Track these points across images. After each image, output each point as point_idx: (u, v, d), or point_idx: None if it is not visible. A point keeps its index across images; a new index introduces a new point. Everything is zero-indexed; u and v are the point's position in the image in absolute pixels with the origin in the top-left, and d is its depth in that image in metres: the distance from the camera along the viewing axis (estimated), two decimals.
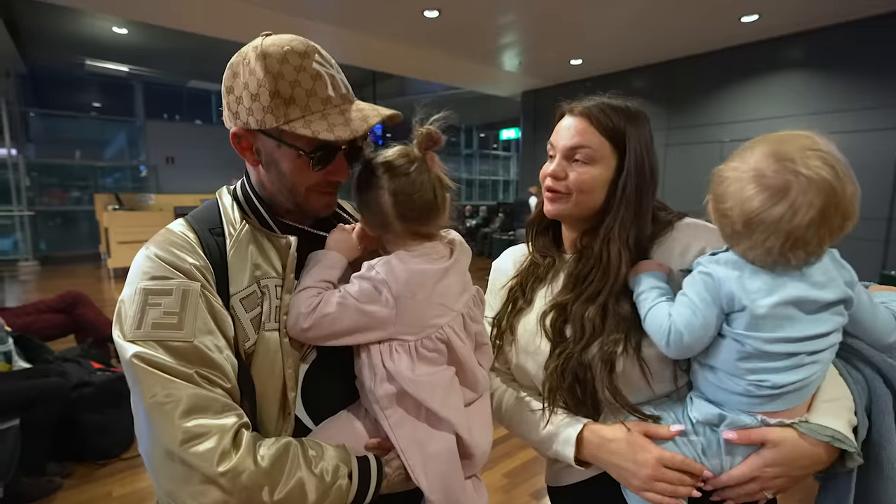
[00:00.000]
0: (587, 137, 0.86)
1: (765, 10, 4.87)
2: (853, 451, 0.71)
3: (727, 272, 0.71)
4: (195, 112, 13.66)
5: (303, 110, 0.71)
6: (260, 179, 0.80)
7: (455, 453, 0.76)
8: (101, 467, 2.51)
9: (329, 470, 0.68)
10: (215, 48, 7.23)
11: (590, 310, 0.84)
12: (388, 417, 0.74)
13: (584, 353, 0.83)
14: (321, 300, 0.74)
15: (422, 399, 0.74)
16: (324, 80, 0.72)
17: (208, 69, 10.96)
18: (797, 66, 5.55)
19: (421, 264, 0.77)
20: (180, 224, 0.77)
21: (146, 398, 0.61)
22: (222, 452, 0.61)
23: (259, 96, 0.70)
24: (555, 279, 0.96)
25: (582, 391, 0.84)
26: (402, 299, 0.74)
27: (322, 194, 0.79)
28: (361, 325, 0.74)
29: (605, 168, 0.87)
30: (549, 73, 7.57)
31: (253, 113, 0.71)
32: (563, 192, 0.89)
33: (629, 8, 4.90)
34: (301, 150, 0.73)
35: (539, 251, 1.01)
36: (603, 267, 0.86)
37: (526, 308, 0.96)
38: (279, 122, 0.70)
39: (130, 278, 0.69)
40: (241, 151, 0.77)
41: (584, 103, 0.89)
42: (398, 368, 0.74)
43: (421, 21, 5.21)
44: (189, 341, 0.65)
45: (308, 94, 0.71)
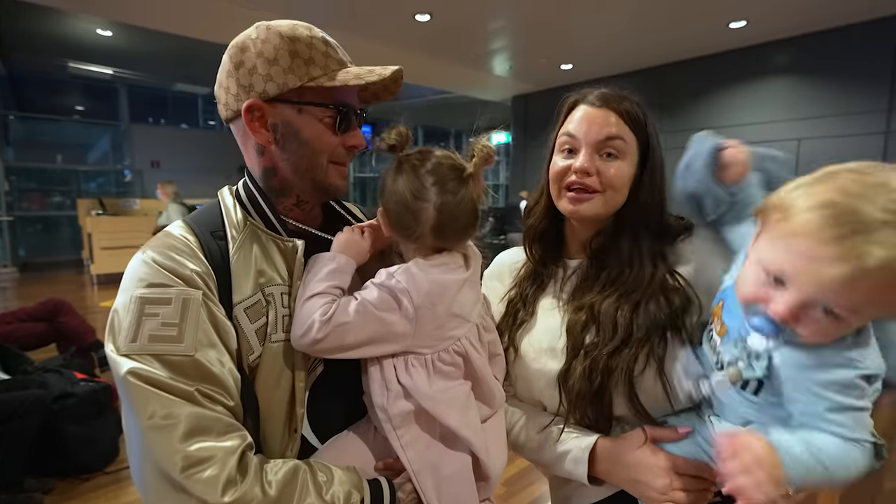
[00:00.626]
0: (620, 129, 0.80)
1: (752, 16, 4.95)
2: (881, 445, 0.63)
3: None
4: (181, 115, 13.50)
5: (323, 69, 0.71)
6: (270, 165, 0.75)
7: (471, 476, 0.72)
8: (84, 482, 2.41)
9: (340, 498, 0.63)
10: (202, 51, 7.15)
11: (623, 308, 0.78)
12: (399, 437, 0.69)
13: (612, 358, 0.76)
14: (337, 308, 0.68)
15: (439, 417, 0.70)
16: (334, 47, 0.73)
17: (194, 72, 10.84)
18: (784, 71, 5.64)
19: (441, 274, 0.73)
20: (179, 226, 0.72)
21: (142, 419, 0.56)
22: (227, 480, 0.56)
23: (278, 60, 0.69)
24: (562, 287, 0.90)
25: (601, 400, 0.78)
26: (422, 310, 0.70)
27: (340, 166, 0.77)
28: (378, 335, 0.69)
29: (631, 163, 0.82)
30: (539, 78, 7.60)
31: (272, 78, 0.69)
32: (595, 189, 0.81)
33: (619, 14, 4.95)
34: (328, 105, 0.72)
35: (539, 259, 0.94)
36: (634, 271, 0.81)
37: (528, 320, 0.90)
38: (303, 80, 0.69)
39: (125, 285, 0.64)
40: (255, 130, 0.71)
41: (600, 92, 0.84)
42: (416, 384, 0.69)
43: (412, 25, 5.20)
44: (189, 355, 0.60)
45: (325, 55, 0.72)
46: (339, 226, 0.88)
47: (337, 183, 0.77)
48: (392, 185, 0.74)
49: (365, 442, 0.74)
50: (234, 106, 0.72)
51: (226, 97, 0.73)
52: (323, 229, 0.83)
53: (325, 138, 0.73)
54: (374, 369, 0.71)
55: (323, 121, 0.72)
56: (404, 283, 0.70)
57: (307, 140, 0.72)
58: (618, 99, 0.82)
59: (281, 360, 0.68)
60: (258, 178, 0.77)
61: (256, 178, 0.77)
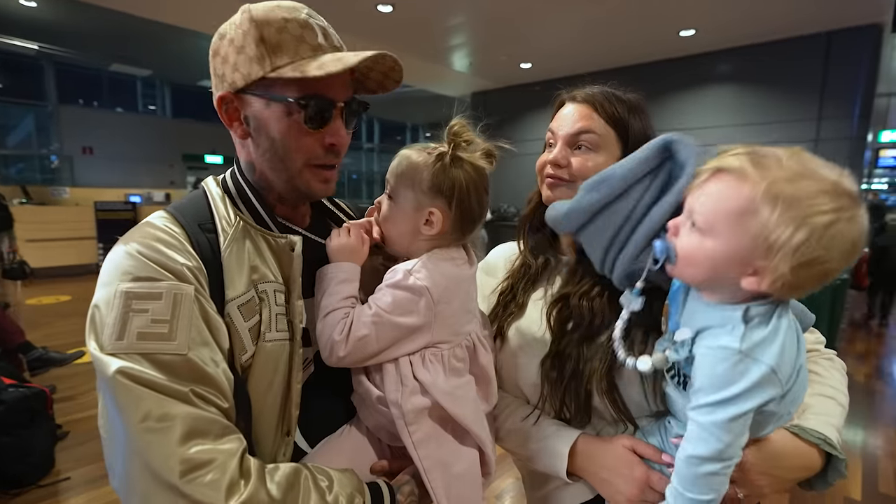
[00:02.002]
0: (591, 123, 0.82)
1: (701, 25, 5.22)
2: (842, 459, 0.70)
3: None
4: (118, 99, 12.57)
5: (292, 56, 0.64)
6: (249, 159, 0.71)
7: (479, 473, 0.73)
8: (14, 497, 2.22)
9: (343, 501, 0.61)
10: (141, 28, 6.65)
11: (594, 295, 0.80)
12: (412, 434, 0.67)
13: (585, 345, 0.78)
14: (353, 323, 0.67)
15: (454, 412, 0.69)
16: (314, 30, 0.67)
17: (133, 52, 10.10)
18: (729, 79, 6.00)
19: (453, 269, 0.72)
20: (161, 217, 0.66)
21: (134, 422, 0.51)
22: (230, 484, 0.52)
23: (245, 48, 0.64)
24: (551, 281, 0.90)
25: (578, 388, 0.78)
26: (441, 305, 0.69)
27: (319, 169, 0.70)
28: (399, 338, 0.68)
29: (609, 157, 0.82)
30: (499, 75, 7.67)
31: (238, 68, 0.65)
32: (565, 178, 0.83)
33: (576, 18, 5.09)
34: (289, 99, 0.65)
35: (532, 251, 0.94)
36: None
37: (517, 312, 0.90)
38: (265, 69, 0.64)
39: (106, 278, 0.58)
40: (229, 123, 0.69)
41: (586, 90, 0.85)
42: (434, 379, 0.68)
43: (374, 16, 5.09)
44: (182, 354, 0.55)
45: (297, 40, 0.65)
46: (328, 223, 0.85)
47: (315, 188, 0.71)
48: (452, 176, 0.71)
49: (358, 443, 0.73)
50: (215, 94, 0.68)
51: (213, 82, 0.69)
52: (312, 227, 0.79)
53: (295, 136, 0.67)
54: (389, 365, 0.69)
55: (291, 115, 0.66)
56: (423, 280, 0.68)
57: (276, 137, 0.67)
58: (602, 97, 0.83)
59: (275, 359, 0.64)
60: (245, 171, 0.73)
61: (244, 170, 0.73)
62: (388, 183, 0.76)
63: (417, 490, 0.70)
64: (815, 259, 0.54)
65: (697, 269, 0.62)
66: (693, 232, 0.62)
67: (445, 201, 0.71)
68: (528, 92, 7.87)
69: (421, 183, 0.71)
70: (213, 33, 0.70)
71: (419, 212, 0.72)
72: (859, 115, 5.12)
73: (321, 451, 0.71)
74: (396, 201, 0.74)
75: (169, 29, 6.14)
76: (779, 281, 0.56)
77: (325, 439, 0.72)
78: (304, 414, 0.68)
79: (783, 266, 0.55)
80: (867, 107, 5.15)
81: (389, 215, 0.76)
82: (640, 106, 0.85)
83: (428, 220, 0.72)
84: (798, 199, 0.54)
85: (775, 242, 0.54)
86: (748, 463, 0.67)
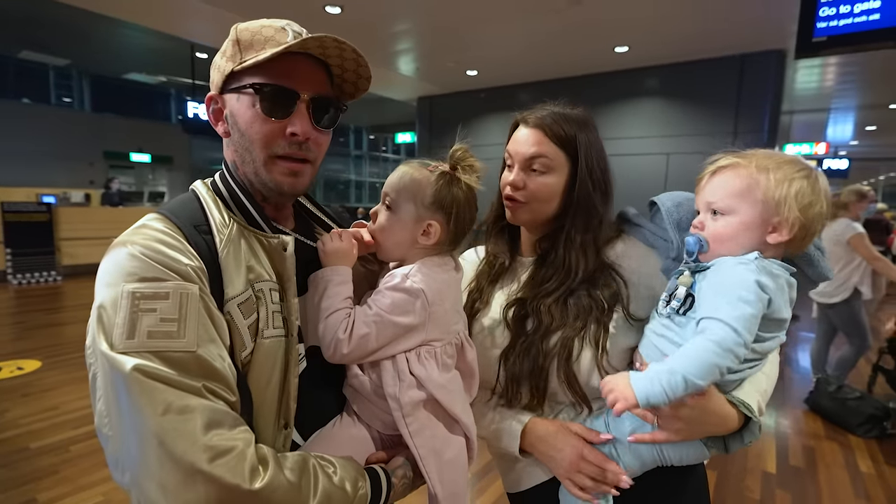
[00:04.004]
0: (543, 147, 0.90)
1: (633, 43, 5.60)
2: (755, 422, 0.78)
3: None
4: (25, 89, 11.39)
5: (258, 50, 0.70)
6: (231, 158, 0.76)
7: (466, 459, 0.81)
8: None
9: (348, 483, 0.66)
10: (55, 13, 6.06)
11: (549, 302, 0.90)
12: (408, 425, 0.74)
13: (544, 342, 0.88)
14: (356, 322, 0.72)
15: (447, 404, 0.77)
16: (286, 32, 0.72)
17: (45, 38, 9.21)
18: (657, 93, 6.47)
19: (443, 274, 0.80)
20: (157, 219, 0.67)
21: (156, 414, 0.53)
22: (252, 468, 0.56)
23: (225, 51, 0.72)
24: (511, 281, 1.00)
25: (537, 379, 0.89)
26: (435, 306, 0.76)
27: (284, 161, 0.72)
28: (396, 336, 0.74)
29: (560, 176, 0.92)
30: (446, 81, 7.77)
31: (218, 67, 0.73)
32: (522, 201, 0.93)
33: (521, 31, 5.30)
34: (247, 85, 0.69)
35: (493, 253, 1.04)
36: (565, 269, 0.92)
37: (483, 309, 0.99)
38: (235, 63, 0.70)
39: (109, 279, 0.59)
40: (215, 123, 0.75)
41: (536, 114, 0.93)
42: (429, 374, 0.75)
43: (322, 16, 5.01)
44: (191, 351, 0.58)
45: (266, 40, 0.70)
46: (311, 225, 0.90)
47: (280, 180, 0.73)
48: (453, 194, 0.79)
49: (350, 433, 0.78)
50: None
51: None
52: (297, 229, 0.83)
53: (256, 125, 0.70)
54: (386, 361, 0.75)
55: (255, 106, 0.70)
56: (419, 283, 0.75)
57: (242, 129, 0.72)
58: (551, 119, 0.91)
59: (273, 355, 0.68)
60: (232, 172, 0.76)
61: (231, 172, 0.76)
62: (387, 195, 0.81)
63: (411, 473, 0.77)
64: (812, 202, 0.74)
65: (731, 243, 0.78)
66: (717, 218, 0.79)
67: (444, 216, 0.79)
68: (474, 98, 8.04)
69: (423, 198, 0.78)
70: (138, 23, 0.75)
71: (418, 223, 0.79)
72: (768, 129, 5.71)
73: (315, 441, 0.75)
74: (396, 212, 0.80)
75: (89, 16, 5.66)
76: (795, 225, 0.74)
77: (318, 431, 0.77)
78: (297, 408, 0.71)
79: (793, 212, 0.74)
80: (774, 122, 5.76)
81: (388, 225, 0.81)
82: (586, 120, 0.94)
83: (426, 232, 0.79)
84: (779, 166, 0.76)
85: (780, 197, 0.74)
86: (683, 408, 0.74)
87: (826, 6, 2.79)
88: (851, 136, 11.93)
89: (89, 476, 2.47)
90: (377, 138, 19.69)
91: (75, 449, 2.73)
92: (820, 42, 2.84)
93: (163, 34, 6.38)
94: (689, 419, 0.76)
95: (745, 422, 0.80)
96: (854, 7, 2.70)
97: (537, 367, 0.88)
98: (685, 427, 0.77)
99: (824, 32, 2.81)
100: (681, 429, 0.77)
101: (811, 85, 7.28)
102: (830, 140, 11.81)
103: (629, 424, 0.83)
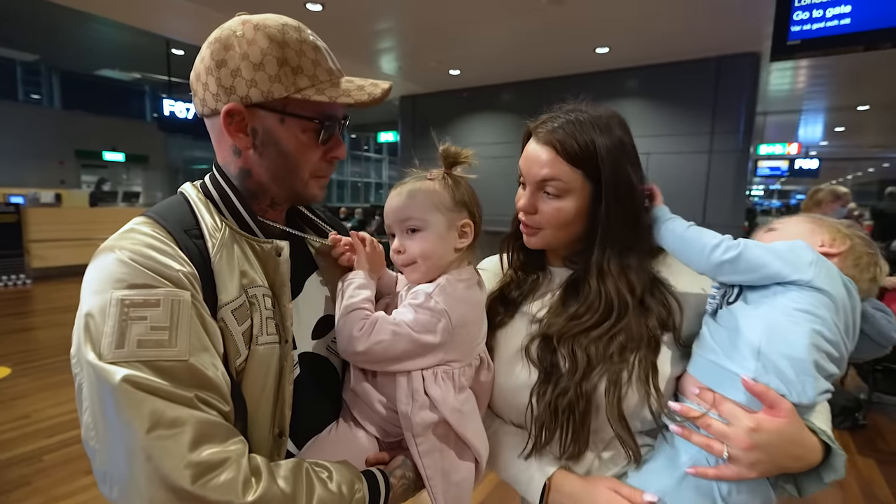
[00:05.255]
0: (556, 169, 0.78)
1: (613, 44, 5.67)
2: (841, 456, 0.68)
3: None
4: None
5: (311, 80, 0.69)
6: (247, 167, 0.72)
7: (472, 481, 0.78)
8: None
9: (345, 487, 0.64)
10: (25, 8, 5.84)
11: (585, 342, 0.77)
12: (418, 445, 0.72)
13: (583, 384, 0.75)
14: (375, 326, 0.71)
15: (459, 428, 0.74)
16: (324, 54, 0.71)
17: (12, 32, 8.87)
18: (637, 94, 6.57)
19: (466, 292, 0.78)
20: (146, 223, 0.65)
21: (143, 429, 0.51)
22: (245, 481, 0.54)
23: (264, 65, 0.66)
24: (541, 294, 0.89)
25: (576, 425, 0.75)
26: (458, 328, 0.74)
27: (320, 178, 0.76)
28: (413, 352, 0.72)
29: (578, 198, 0.79)
30: (428, 81, 7.74)
31: (256, 84, 0.66)
32: (535, 227, 0.83)
33: (503, 31, 5.31)
34: (312, 119, 0.70)
35: (519, 268, 0.93)
36: (604, 305, 0.78)
37: (508, 322, 0.88)
38: (289, 91, 0.67)
39: (96, 286, 0.57)
40: (232, 133, 0.69)
41: (548, 126, 0.80)
42: (445, 397, 0.73)
43: (303, 14, 4.93)
44: (184, 360, 0.56)
45: (314, 64, 0.69)
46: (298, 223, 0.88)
47: (316, 194, 0.77)
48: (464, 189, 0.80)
49: (347, 440, 0.76)
50: (212, 105, 0.69)
51: (203, 93, 0.69)
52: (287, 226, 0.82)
53: (307, 151, 0.72)
54: (402, 378, 0.73)
55: (306, 133, 0.71)
56: (443, 304, 0.73)
57: (288, 151, 0.71)
58: (563, 133, 0.78)
59: (267, 362, 0.66)
60: (233, 178, 0.73)
61: (231, 177, 0.73)
62: (408, 220, 0.78)
63: (411, 473, 0.75)
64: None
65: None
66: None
67: (468, 213, 0.80)
68: (456, 98, 8.03)
69: (446, 203, 0.78)
70: (110, 17, 0.70)
71: (452, 229, 0.79)
72: (744, 130, 5.85)
73: (312, 448, 0.74)
74: (428, 229, 0.78)
75: (57, 10, 5.47)
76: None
77: (314, 438, 0.75)
78: (291, 415, 0.70)
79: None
80: (749, 123, 5.90)
81: (427, 245, 0.78)
82: (608, 122, 0.79)
83: (462, 234, 0.80)
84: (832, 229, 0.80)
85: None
86: (760, 433, 0.64)
87: (800, 10, 2.87)
88: (822, 137, 12.33)
89: (63, 487, 2.39)
90: (359, 137, 19.55)
91: (48, 459, 2.64)
92: (794, 45, 2.92)
93: (137, 30, 6.21)
94: (768, 447, 0.64)
95: (824, 456, 0.67)
96: (826, 12, 2.79)
97: (575, 413, 0.75)
98: (763, 458, 0.64)
99: (798, 36, 2.89)
100: (757, 461, 0.64)
101: (784, 87, 7.49)
102: (802, 140, 12.19)
103: (686, 457, 0.71)
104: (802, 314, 0.68)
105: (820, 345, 0.67)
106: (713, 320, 0.77)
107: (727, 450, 0.66)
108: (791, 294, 0.70)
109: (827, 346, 0.68)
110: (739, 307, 0.74)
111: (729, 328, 0.73)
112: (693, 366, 0.76)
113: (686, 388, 0.76)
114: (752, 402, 0.67)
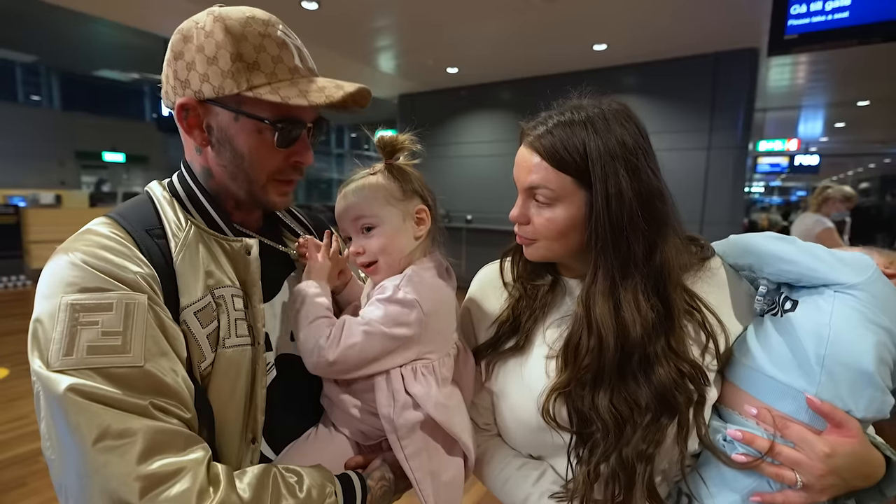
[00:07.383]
0: (543, 176, 0.71)
1: (611, 41, 5.64)
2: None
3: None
4: None
5: (269, 77, 0.65)
6: (207, 165, 0.70)
7: (462, 478, 0.76)
8: None
9: (314, 492, 0.61)
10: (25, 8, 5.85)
11: (600, 400, 0.68)
12: (404, 448, 0.69)
13: (623, 450, 0.67)
14: (343, 329, 0.68)
15: (446, 424, 0.72)
16: (290, 50, 0.67)
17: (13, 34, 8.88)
18: (636, 91, 6.54)
19: (434, 279, 0.76)
20: (104, 224, 0.63)
21: (90, 441, 0.49)
22: (200, 491, 0.52)
23: (217, 59, 0.63)
24: (558, 315, 0.80)
25: (615, 491, 0.68)
26: (431, 316, 0.72)
27: (282, 183, 0.72)
28: (389, 349, 0.70)
29: (572, 206, 0.72)
30: (427, 79, 7.73)
31: (208, 79, 0.63)
32: (529, 238, 0.76)
33: (500, 28, 5.29)
34: (264, 119, 0.65)
35: (528, 280, 0.83)
36: (595, 336, 0.69)
37: (522, 352, 0.79)
38: (241, 87, 0.63)
39: (47, 291, 0.55)
40: (188, 129, 0.67)
41: (538, 129, 0.73)
42: (427, 391, 0.71)
43: (299, 12, 4.91)
44: (138, 366, 0.53)
45: (274, 60, 0.65)
46: (279, 228, 0.86)
47: (275, 200, 0.72)
48: (410, 176, 0.79)
49: (326, 445, 0.74)
50: (171, 98, 0.66)
51: (166, 86, 0.67)
52: (265, 231, 0.79)
53: (263, 153, 0.68)
54: (380, 379, 0.71)
55: (261, 133, 0.67)
56: (413, 293, 0.71)
57: (242, 152, 0.67)
58: (551, 137, 0.71)
59: (236, 365, 0.63)
60: (198, 176, 0.71)
61: (197, 175, 0.71)
62: (360, 219, 0.77)
63: (391, 475, 0.73)
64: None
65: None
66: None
67: (420, 198, 0.79)
68: (454, 96, 8.02)
69: (395, 193, 0.76)
70: (109, 18, 0.68)
71: (407, 218, 0.77)
72: (742, 126, 5.82)
73: (288, 455, 0.71)
74: (383, 225, 0.76)
75: (56, 10, 5.47)
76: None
77: (291, 444, 0.73)
78: (267, 420, 0.67)
79: None
80: (748, 119, 5.87)
81: (385, 240, 0.76)
82: (605, 119, 0.72)
83: (420, 220, 0.78)
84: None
85: None
86: (835, 458, 0.60)
87: (797, 4, 2.85)
88: (822, 133, 12.27)
89: None
90: (359, 137, 19.55)
91: (44, 460, 2.64)
92: (791, 40, 2.90)
93: (136, 30, 6.20)
94: (841, 471, 0.60)
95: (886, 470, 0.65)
96: (825, 5, 2.77)
97: (624, 481, 0.67)
98: (836, 482, 0.61)
99: (796, 30, 2.87)
100: (830, 486, 0.61)
101: (783, 83, 7.45)
102: (802, 136, 12.13)
103: (749, 483, 0.66)
104: (867, 323, 0.63)
105: (884, 357, 0.63)
106: (762, 327, 0.70)
107: (800, 478, 0.61)
108: (851, 302, 0.65)
109: (889, 357, 0.63)
110: (795, 316, 0.68)
111: (785, 338, 0.67)
112: (742, 379, 0.69)
113: (738, 406, 0.68)
114: (815, 419, 0.62)
